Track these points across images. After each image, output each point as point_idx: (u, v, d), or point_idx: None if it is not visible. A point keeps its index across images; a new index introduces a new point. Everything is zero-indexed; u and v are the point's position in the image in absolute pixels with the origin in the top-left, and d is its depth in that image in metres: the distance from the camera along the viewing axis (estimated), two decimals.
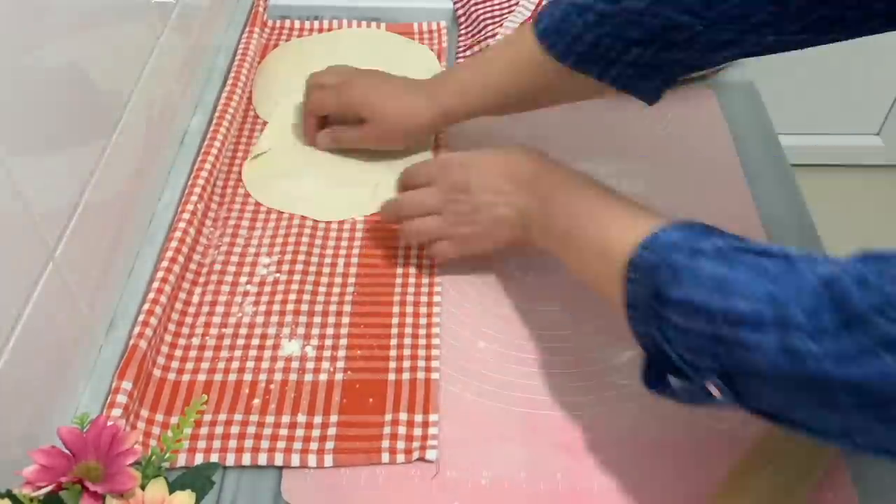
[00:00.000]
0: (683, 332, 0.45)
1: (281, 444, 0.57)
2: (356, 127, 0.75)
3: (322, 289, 0.67)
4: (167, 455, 0.46)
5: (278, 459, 0.56)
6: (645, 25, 0.59)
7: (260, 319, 0.65)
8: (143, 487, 0.42)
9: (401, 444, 0.57)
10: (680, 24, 0.58)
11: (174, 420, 0.58)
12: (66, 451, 0.42)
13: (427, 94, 0.72)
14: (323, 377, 0.61)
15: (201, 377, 0.61)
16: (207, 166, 0.74)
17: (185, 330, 0.64)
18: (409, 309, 0.66)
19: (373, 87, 0.75)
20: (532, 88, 0.68)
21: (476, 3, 0.96)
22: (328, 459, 0.56)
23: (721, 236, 0.48)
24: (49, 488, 0.40)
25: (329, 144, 0.78)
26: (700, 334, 0.44)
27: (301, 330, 0.64)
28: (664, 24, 0.59)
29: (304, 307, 0.66)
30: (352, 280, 0.68)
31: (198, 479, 0.46)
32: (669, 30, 0.59)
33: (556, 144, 0.81)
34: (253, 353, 0.63)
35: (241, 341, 0.63)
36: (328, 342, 0.63)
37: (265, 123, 0.83)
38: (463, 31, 0.95)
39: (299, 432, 0.57)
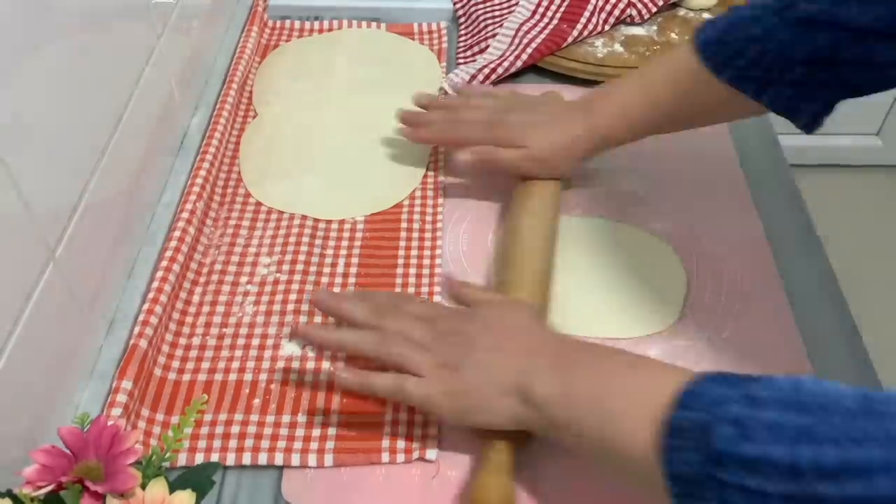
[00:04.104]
0: (757, 496, 0.38)
1: (281, 444, 0.57)
2: (512, 150, 0.70)
3: None
4: (168, 455, 0.46)
5: (278, 459, 0.56)
6: (815, 41, 0.56)
7: (260, 319, 0.65)
8: (143, 487, 0.42)
9: (401, 444, 0.57)
10: (856, 37, 0.54)
11: (175, 420, 0.58)
12: (67, 451, 0.42)
13: (584, 119, 0.69)
14: (323, 377, 0.61)
15: (202, 377, 0.61)
16: (206, 165, 0.74)
17: (186, 330, 0.64)
18: None
19: (528, 124, 0.71)
20: (690, 106, 0.65)
21: (476, 4, 0.96)
22: (328, 459, 0.56)
23: (760, 378, 0.41)
24: (49, 488, 0.40)
25: (478, 162, 0.72)
26: (781, 496, 0.37)
27: None
28: (836, 40, 0.55)
29: (305, 307, 0.66)
30: (352, 280, 0.68)
31: (198, 478, 0.46)
32: (841, 46, 0.55)
33: None
34: (253, 352, 0.63)
35: (241, 341, 0.63)
36: None
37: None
38: (463, 32, 0.95)
39: (299, 432, 0.57)
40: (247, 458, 0.56)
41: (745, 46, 0.59)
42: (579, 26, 0.90)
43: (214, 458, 0.56)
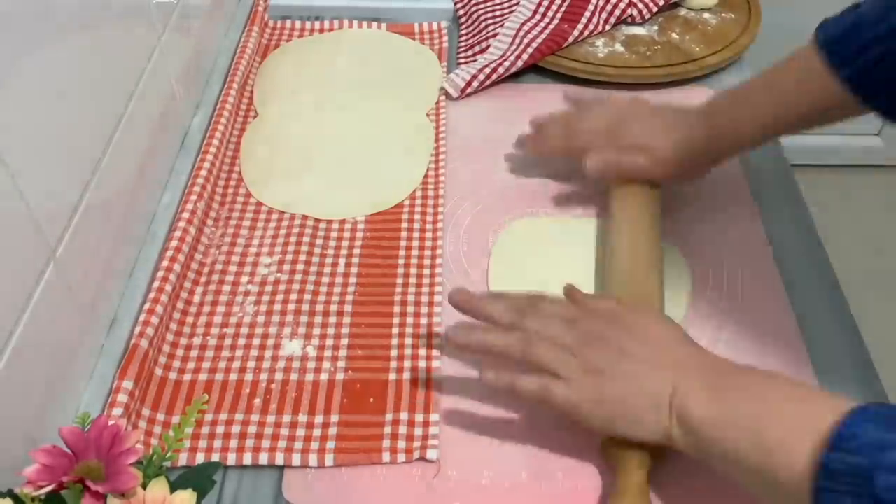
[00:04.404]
0: None
1: (282, 444, 0.57)
2: (639, 156, 0.69)
3: (323, 289, 0.67)
4: (168, 454, 0.46)
5: (279, 459, 0.56)
6: None
7: (261, 319, 0.65)
8: (144, 487, 0.42)
9: (401, 444, 0.57)
10: None
11: (175, 419, 0.58)
12: (68, 451, 0.42)
13: (707, 122, 0.67)
14: (324, 377, 0.61)
15: (202, 377, 0.61)
16: (206, 165, 0.74)
17: (187, 329, 0.64)
18: (410, 309, 0.66)
19: (649, 129, 0.69)
20: (810, 105, 0.61)
21: (477, 3, 0.96)
22: (329, 459, 0.56)
23: None
24: (50, 488, 0.40)
25: (604, 169, 0.70)
26: None
27: (302, 330, 0.64)
28: None
29: (305, 307, 0.66)
30: (353, 280, 0.68)
31: (199, 478, 0.46)
32: None
33: None
34: (254, 352, 0.63)
35: (242, 341, 0.63)
36: (329, 342, 0.63)
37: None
38: (463, 31, 0.95)
39: (300, 432, 0.57)
40: (247, 458, 0.56)
41: (868, 45, 0.56)
42: (580, 26, 0.90)
43: (215, 457, 0.56)
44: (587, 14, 0.91)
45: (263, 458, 0.56)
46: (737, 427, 0.47)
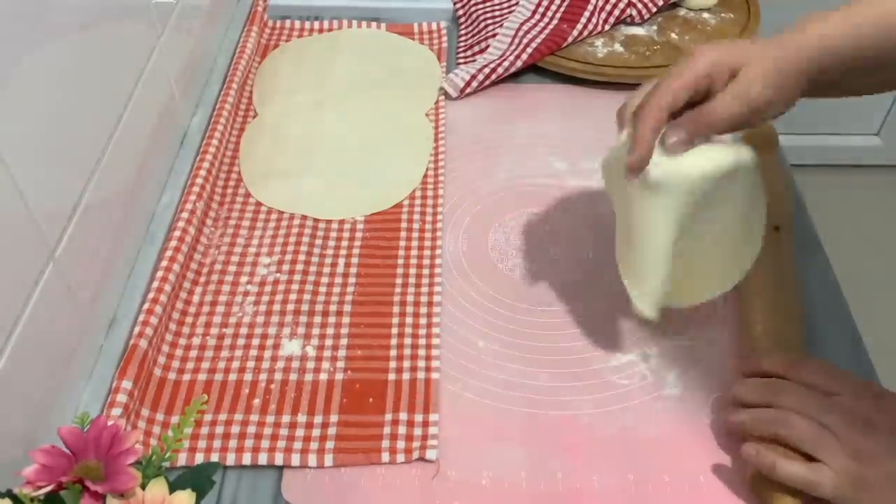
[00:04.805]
0: None
1: (281, 444, 0.57)
2: (715, 99, 0.53)
3: (322, 289, 0.67)
4: (168, 455, 0.46)
5: (278, 459, 0.56)
6: None
7: (260, 319, 0.65)
8: (143, 487, 0.42)
9: (401, 444, 0.57)
10: None
11: (175, 420, 0.58)
12: (67, 451, 0.42)
13: (789, 48, 0.53)
14: (323, 377, 0.61)
15: (202, 377, 0.61)
16: (206, 165, 0.74)
17: (186, 329, 0.64)
18: (410, 309, 0.66)
19: (724, 53, 0.54)
20: (888, 50, 0.52)
21: (476, 3, 0.96)
22: (328, 459, 0.56)
23: None
24: (49, 488, 0.40)
25: (689, 137, 0.54)
26: None
27: (301, 330, 0.64)
28: None
29: (305, 307, 0.66)
30: (352, 280, 0.68)
31: (198, 478, 0.46)
32: None
33: (557, 145, 0.81)
34: (253, 352, 0.63)
35: (241, 341, 0.63)
36: (328, 342, 0.63)
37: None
38: (463, 31, 0.95)
39: (299, 432, 0.57)
40: (247, 458, 0.56)
41: None
42: (579, 26, 0.90)
43: (214, 458, 0.56)
44: (586, 14, 0.91)
45: (263, 459, 0.56)
46: None
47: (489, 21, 0.94)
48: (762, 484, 0.53)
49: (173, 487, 0.43)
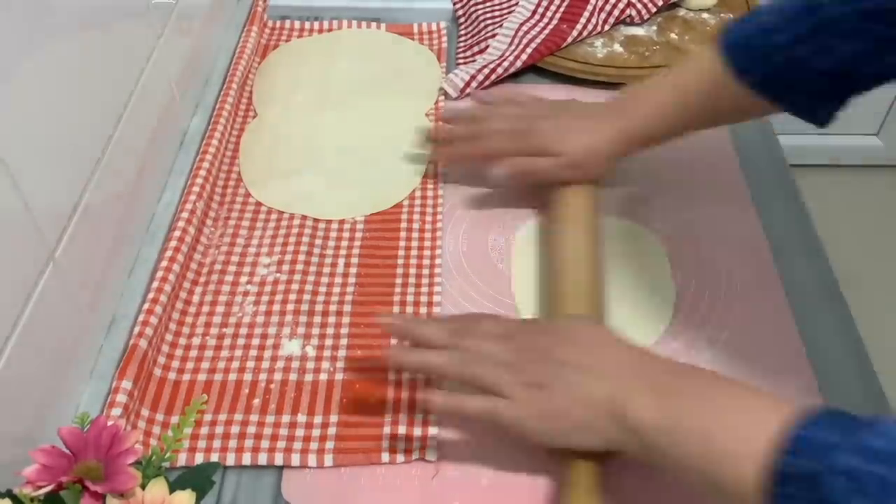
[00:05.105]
0: None
1: (281, 444, 0.57)
2: (548, 159, 0.69)
3: (322, 289, 0.67)
4: (167, 455, 0.46)
5: (278, 459, 0.56)
6: (839, 51, 0.56)
7: (260, 319, 0.65)
8: (143, 487, 0.42)
9: (401, 444, 0.57)
10: (878, 49, 0.55)
11: (174, 420, 0.58)
12: (67, 451, 0.42)
13: (617, 120, 0.69)
14: (323, 377, 0.61)
15: (201, 377, 0.61)
16: (206, 165, 0.74)
17: (186, 329, 0.64)
18: (410, 309, 0.66)
19: (559, 130, 0.70)
20: (713, 107, 0.65)
21: (476, 4, 0.96)
22: (328, 459, 0.56)
23: (871, 425, 0.40)
24: (49, 488, 0.40)
25: (512, 176, 0.71)
26: None
27: (301, 330, 0.64)
28: (860, 51, 0.55)
29: (305, 307, 0.66)
30: (352, 280, 0.68)
31: (198, 478, 0.46)
32: (864, 57, 0.56)
33: None
34: (253, 352, 0.63)
35: (241, 341, 0.63)
36: (328, 342, 0.63)
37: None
38: (463, 32, 0.95)
39: (299, 432, 0.57)
40: (247, 458, 0.56)
41: (770, 54, 0.59)
42: (579, 26, 0.90)
43: (214, 458, 0.56)
44: (586, 14, 0.91)
45: (262, 459, 0.56)
46: (684, 434, 0.46)
47: (489, 21, 0.94)
48: (559, 453, 0.54)
49: (173, 487, 0.43)
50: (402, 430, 0.58)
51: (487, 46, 0.90)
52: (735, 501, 0.44)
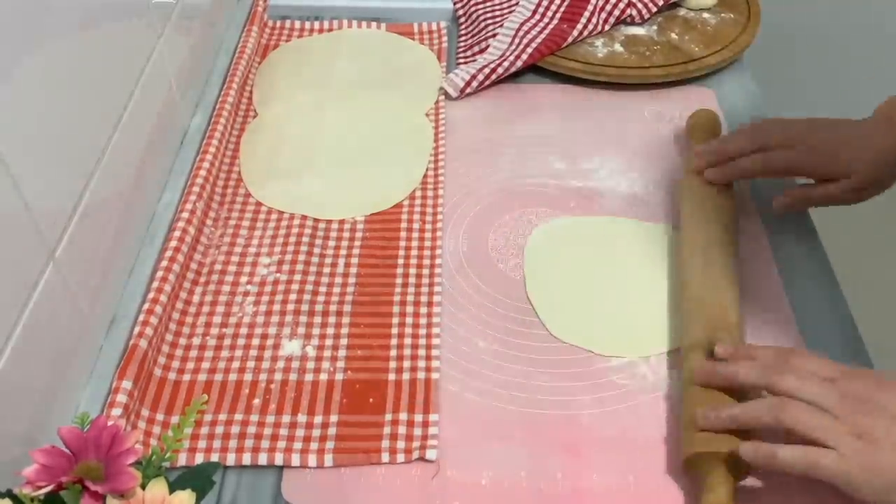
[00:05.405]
0: None
1: (281, 444, 0.57)
2: (832, 185, 0.67)
3: (322, 289, 0.67)
4: (168, 455, 0.46)
5: (278, 459, 0.56)
6: None
7: (260, 319, 0.65)
8: (143, 487, 0.42)
9: (401, 444, 0.57)
10: None
11: (175, 420, 0.58)
12: (67, 451, 0.42)
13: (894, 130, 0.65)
14: (323, 377, 0.61)
15: (202, 377, 0.61)
16: (206, 165, 0.74)
17: (186, 330, 0.64)
18: (410, 309, 0.66)
19: (837, 143, 0.67)
20: None
21: (476, 4, 0.97)
22: (328, 459, 0.56)
23: None
24: (49, 488, 0.40)
25: (795, 204, 0.70)
26: None
27: (301, 330, 0.64)
28: None
29: (305, 307, 0.66)
30: (352, 280, 0.68)
31: (198, 478, 0.46)
32: None
33: (557, 145, 0.81)
34: (253, 352, 0.63)
35: (241, 341, 0.63)
36: (328, 342, 0.63)
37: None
38: (463, 32, 0.95)
39: (299, 432, 0.57)
40: (247, 458, 0.56)
41: None
42: (579, 26, 0.90)
43: (214, 458, 0.56)
44: (586, 14, 0.91)
45: (263, 459, 0.56)
46: None
47: (489, 21, 0.94)
48: (697, 466, 0.53)
49: (173, 487, 0.43)
50: (402, 430, 0.58)
51: (488, 46, 0.90)
52: None
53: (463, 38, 0.94)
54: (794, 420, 0.50)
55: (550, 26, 0.91)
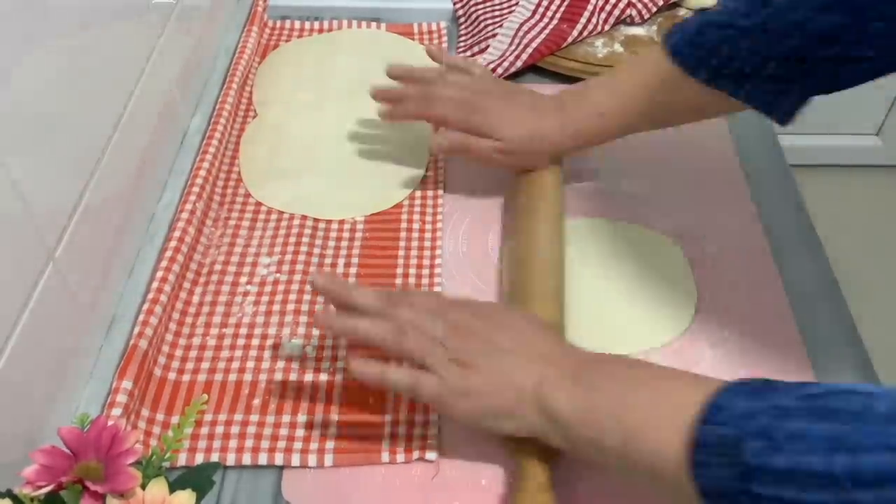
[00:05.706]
0: None
1: (281, 444, 0.57)
2: (486, 140, 0.70)
3: None
4: (168, 455, 0.46)
5: (278, 459, 0.56)
6: (785, 43, 0.57)
7: (260, 319, 0.65)
8: (143, 487, 0.42)
9: (401, 444, 0.57)
10: (823, 41, 0.55)
11: (175, 420, 0.58)
12: (67, 451, 0.42)
13: (557, 116, 0.70)
14: (323, 377, 0.61)
15: (201, 377, 0.61)
16: (206, 165, 0.74)
17: (186, 330, 0.64)
18: None
19: (503, 113, 0.70)
20: (664, 106, 0.66)
21: (476, 4, 0.96)
22: (328, 459, 0.56)
23: (787, 387, 0.41)
24: (49, 488, 0.40)
25: (449, 150, 0.73)
26: None
27: (301, 330, 0.64)
28: (805, 43, 0.56)
29: (305, 307, 0.66)
30: (352, 280, 0.68)
31: (198, 478, 0.46)
32: (810, 48, 0.56)
33: None
34: (253, 352, 0.63)
35: (241, 341, 0.63)
36: (328, 342, 0.63)
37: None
38: (463, 32, 0.95)
39: (299, 432, 0.57)
40: (247, 458, 0.56)
41: (718, 46, 0.60)
42: (579, 26, 0.90)
43: (214, 458, 0.56)
44: (586, 14, 0.91)
45: (263, 459, 0.56)
46: (601, 415, 0.47)
47: (489, 21, 0.94)
48: (510, 443, 0.54)
49: (173, 487, 0.43)
50: (402, 430, 0.58)
51: (488, 46, 0.90)
52: (660, 482, 0.44)
53: (463, 38, 0.94)
54: (405, 344, 0.53)
55: (550, 26, 0.91)
